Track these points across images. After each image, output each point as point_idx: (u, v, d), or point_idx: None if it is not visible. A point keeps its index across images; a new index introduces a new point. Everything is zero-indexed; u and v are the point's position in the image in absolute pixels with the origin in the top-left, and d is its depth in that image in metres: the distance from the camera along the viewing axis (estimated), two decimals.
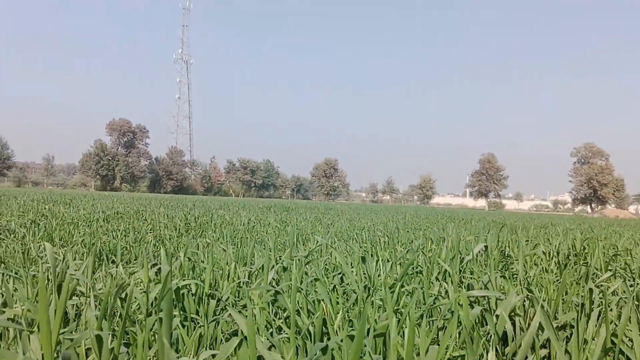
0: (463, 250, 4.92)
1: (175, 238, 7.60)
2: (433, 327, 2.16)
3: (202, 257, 4.05)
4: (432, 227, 13.02)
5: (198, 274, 3.15)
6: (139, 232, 7.87)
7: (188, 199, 36.50)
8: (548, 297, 2.95)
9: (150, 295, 2.58)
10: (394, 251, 4.53)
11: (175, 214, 13.24)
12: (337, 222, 13.58)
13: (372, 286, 3.08)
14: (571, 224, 19.89)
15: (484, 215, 31.00)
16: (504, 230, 9.87)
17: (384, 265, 3.54)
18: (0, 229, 7.24)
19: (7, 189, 60.23)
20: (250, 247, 3.78)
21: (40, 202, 15.18)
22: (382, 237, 7.28)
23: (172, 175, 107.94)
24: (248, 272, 3.14)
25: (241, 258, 3.87)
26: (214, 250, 5.32)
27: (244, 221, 11.68)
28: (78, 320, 2.26)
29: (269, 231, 9.62)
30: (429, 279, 3.04)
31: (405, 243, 6.73)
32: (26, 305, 2.07)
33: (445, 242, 4.38)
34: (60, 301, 1.51)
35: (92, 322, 2.08)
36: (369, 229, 11.02)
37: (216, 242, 5.98)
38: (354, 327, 2.36)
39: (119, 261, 3.82)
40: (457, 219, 20.37)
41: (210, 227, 9.73)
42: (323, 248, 5.33)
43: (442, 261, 3.29)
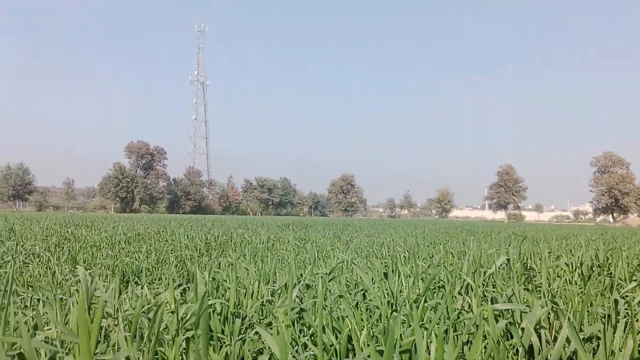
0: (485, 263, 4.90)
1: (197, 258, 7.66)
2: (458, 342, 2.17)
3: (224, 277, 4.08)
4: (451, 241, 12.96)
5: (222, 293, 3.19)
6: (160, 253, 7.95)
7: (207, 218, 36.69)
8: (573, 309, 2.93)
9: (176, 315, 2.62)
10: (415, 266, 4.52)
11: (195, 234, 13.33)
12: (356, 238, 13.57)
13: (395, 302, 3.09)
14: (593, 234, 19.63)
15: (503, 227, 30.71)
16: (525, 243, 9.78)
17: (406, 281, 3.55)
18: (25, 253, 7.36)
19: (29, 213, 61.09)
20: (273, 266, 3.81)
21: (63, 226, 15.39)
22: (402, 252, 7.26)
23: (190, 196, 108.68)
24: (271, 291, 3.17)
25: (263, 276, 3.90)
26: (237, 269, 5.36)
27: (264, 239, 11.72)
28: (108, 341, 2.30)
29: (289, 249, 9.65)
30: (451, 294, 3.04)
31: (426, 257, 6.71)
32: (59, 328, 2.12)
33: (467, 256, 4.38)
34: (95, 324, 1.55)
35: (122, 343, 2.12)
36: (388, 245, 11.00)
37: (237, 260, 6.02)
38: (379, 343, 2.37)
39: (144, 282, 3.88)
40: (476, 232, 20.22)
41: (231, 246, 9.79)
42: (344, 265, 5.34)
43: (464, 275, 3.29)
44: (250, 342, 2.43)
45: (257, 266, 5.83)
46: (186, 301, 3.09)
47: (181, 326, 2.51)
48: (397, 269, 4.86)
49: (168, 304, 2.87)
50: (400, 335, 2.42)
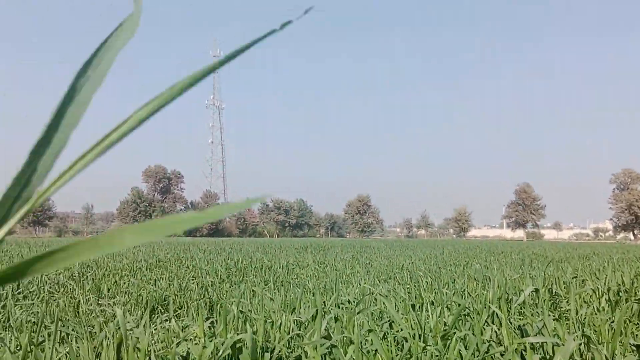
0: (510, 289, 4.87)
1: (218, 284, 7.69)
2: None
3: (249, 306, 4.10)
4: (471, 262, 12.85)
5: (251, 324, 3.20)
6: (182, 279, 7.99)
7: (225, 242, 36.78)
8: (604, 340, 2.90)
9: (206, 350, 2.65)
10: (440, 293, 4.51)
11: (215, 258, 13.38)
12: (375, 261, 13.51)
13: (422, 333, 3.08)
14: (614, 253, 19.33)
15: (523, 247, 30.39)
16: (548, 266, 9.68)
17: (433, 311, 3.54)
18: (50, 282, 7.44)
19: (49, 239, 61.71)
20: (299, 296, 3.82)
21: None
22: (424, 277, 7.23)
23: None
24: (299, 323, 3.18)
25: (288, 305, 3.92)
26: (259, 295, 5.37)
27: (283, 264, 11.73)
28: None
29: (309, 273, 9.64)
30: (480, 324, 3.02)
31: (448, 282, 6.67)
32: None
33: (492, 283, 4.35)
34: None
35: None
36: (407, 267, 10.95)
37: (261, 290, 6.04)
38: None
39: (172, 315, 3.90)
40: (496, 252, 20.02)
41: (251, 272, 9.81)
42: (366, 291, 5.33)
43: (492, 306, 3.27)
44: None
45: (280, 294, 5.84)
46: (215, 334, 3.11)
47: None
48: (420, 295, 4.85)
49: (197, 337, 2.90)
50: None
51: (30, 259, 0.36)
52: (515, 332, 3.01)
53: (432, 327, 3.05)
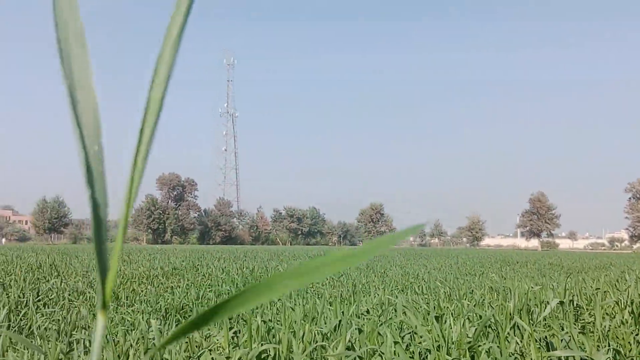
0: (531, 301, 4.83)
1: (234, 293, 7.70)
2: None
3: (269, 315, 4.11)
4: (487, 272, 12.77)
5: (273, 335, 3.21)
6: (199, 288, 8.02)
7: (239, 249, 36.85)
8: (631, 354, 2.88)
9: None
10: (460, 305, 4.49)
11: (230, 266, 13.41)
12: (390, 270, 13.48)
13: (446, 345, 3.07)
14: (632, 263, 19.12)
15: (538, 257, 30.12)
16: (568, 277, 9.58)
17: (455, 322, 3.53)
18: (69, 290, 7.50)
19: (65, 245, 62.21)
20: (319, 307, 3.82)
21: None
22: (442, 287, 7.20)
23: (220, 226, 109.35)
24: (321, 334, 3.18)
25: (309, 315, 3.92)
26: (276, 304, 5.38)
27: None
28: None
29: (324, 282, 9.63)
30: (504, 336, 3.01)
31: (466, 293, 6.64)
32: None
33: (512, 295, 4.33)
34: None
35: None
36: (423, 277, 10.91)
37: (283, 300, 6.04)
38: None
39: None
40: (511, 262, 19.88)
41: None
42: (385, 302, 5.32)
43: (518, 319, 3.25)
44: None
45: (297, 303, 5.84)
46: (238, 344, 3.13)
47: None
48: (439, 306, 4.83)
49: (221, 347, 2.91)
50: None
51: (218, 304, 0.38)
52: (541, 345, 2.99)
53: (456, 339, 3.04)
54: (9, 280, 8.60)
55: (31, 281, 8.68)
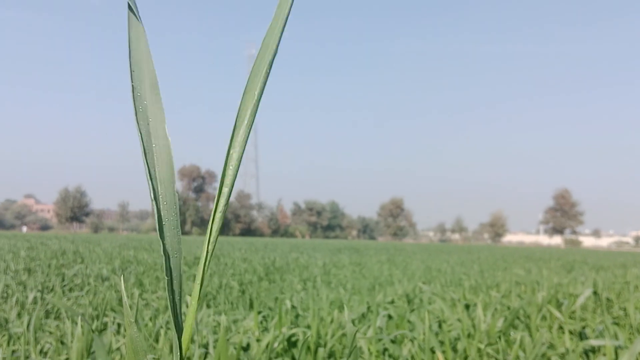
0: (559, 294, 4.76)
1: (257, 282, 7.73)
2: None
3: (298, 301, 4.10)
4: (511, 268, 12.64)
5: (302, 320, 3.20)
6: (221, 276, 8.06)
7: (259, 242, 37.03)
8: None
9: (263, 342, 2.66)
10: (487, 296, 4.44)
11: (251, 257, 13.47)
12: (411, 264, 13.41)
13: (475, 333, 3.03)
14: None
15: (561, 254, 29.77)
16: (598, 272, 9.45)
17: (485, 312, 3.49)
18: (93, 276, 7.59)
19: (86, 234, 63.13)
20: (345, 295, 3.81)
21: (123, 249, 15.82)
22: (467, 280, 7.13)
23: (240, 218, 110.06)
24: (351, 321, 3.16)
25: (335, 303, 3.91)
26: (299, 293, 5.38)
27: (319, 264, 11.74)
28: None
29: (346, 274, 9.62)
30: (535, 326, 2.96)
31: (491, 286, 6.57)
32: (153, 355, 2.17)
33: (540, 287, 4.27)
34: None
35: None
36: (446, 271, 10.83)
37: (297, 285, 6.05)
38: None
39: (223, 310, 3.94)
40: (534, 258, 19.67)
41: (289, 271, 9.84)
42: (410, 292, 5.28)
43: (553, 309, 3.20)
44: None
45: (321, 293, 5.84)
46: (267, 328, 3.12)
47: (270, 354, 2.53)
48: (464, 297, 4.79)
49: (251, 331, 2.91)
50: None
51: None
52: (573, 335, 2.94)
53: (486, 328, 3.00)
54: (35, 266, 8.74)
55: (56, 267, 8.81)
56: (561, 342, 2.98)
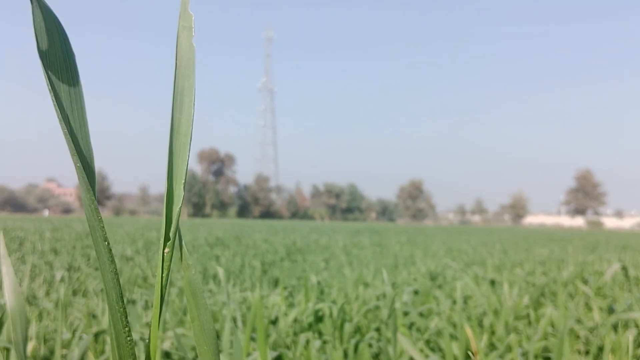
0: (584, 271, 4.72)
1: (279, 262, 7.78)
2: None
3: (324, 278, 4.12)
4: (533, 248, 12.55)
5: (327, 296, 3.22)
6: (243, 257, 8.13)
7: (278, 224, 37.22)
8: None
9: (289, 317, 2.68)
10: (512, 274, 4.41)
11: (272, 238, 13.56)
12: (432, 245, 13.38)
13: (500, 309, 3.02)
14: None
15: (583, 235, 29.45)
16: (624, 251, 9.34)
17: (510, 288, 3.47)
18: (117, 255, 7.70)
19: (108, 217, 64.00)
20: (371, 272, 3.81)
21: (145, 230, 16.02)
22: (490, 259, 7.10)
23: (259, 201, 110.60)
24: (375, 297, 3.17)
25: (360, 280, 3.91)
26: (322, 273, 5.40)
27: (340, 245, 11.77)
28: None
29: (367, 254, 9.63)
30: (563, 302, 2.94)
31: (515, 265, 6.53)
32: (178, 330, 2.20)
33: (566, 264, 4.23)
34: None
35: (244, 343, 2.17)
36: (467, 251, 10.79)
37: (319, 265, 6.07)
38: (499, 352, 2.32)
39: (249, 286, 3.98)
40: (556, 239, 19.51)
41: (310, 251, 9.88)
42: (434, 271, 5.27)
43: (581, 285, 3.17)
44: (367, 347, 2.44)
45: (343, 271, 5.85)
46: (293, 304, 3.14)
47: (297, 327, 2.55)
48: (487, 275, 4.76)
49: (278, 306, 2.93)
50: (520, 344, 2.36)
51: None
52: (602, 311, 2.91)
53: (512, 304, 2.99)
54: (60, 247, 8.89)
55: (81, 247, 8.96)
56: (589, 317, 2.96)
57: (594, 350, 2.27)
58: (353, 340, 2.48)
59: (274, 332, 2.31)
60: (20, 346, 0.77)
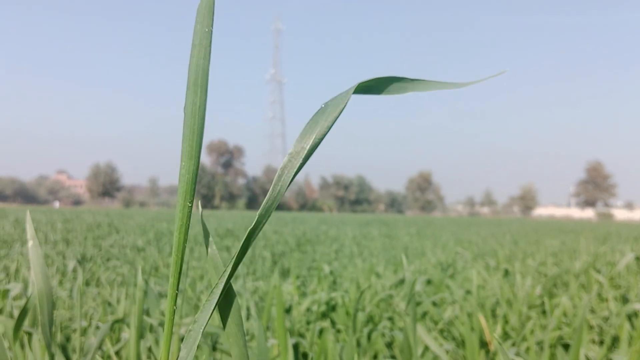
0: (597, 262, 4.70)
1: (289, 253, 7.80)
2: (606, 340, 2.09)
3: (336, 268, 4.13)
4: (543, 239, 12.50)
5: (339, 285, 3.23)
6: (254, 247, 8.15)
7: (287, 215, 37.27)
8: None
9: (302, 306, 2.68)
10: (524, 264, 4.40)
11: (281, 229, 13.58)
12: (441, 236, 13.36)
13: (514, 299, 3.01)
14: None
15: (593, 226, 29.29)
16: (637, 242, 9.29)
17: (523, 279, 3.46)
18: (129, 246, 7.75)
19: (118, 209, 64.34)
20: (382, 263, 3.81)
21: (156, 222, 16.09)
22: (501, 250, 7.08)
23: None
24: (387, 287, 3.17)
25: (371, 270, 3.91)
26: (332, 264, 5.41)
27: (350, 236, 11.78)
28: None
29: (377, 245, 9.64)
30: (577, 291, 2.93)
31: (526, 256, 6.51)
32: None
33: (578, 254, 4.21)
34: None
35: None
36: (477, 242, 10.77)
37: (329, 256, 6.08)
38: (513, 339, 2.32)
39: (261, 276, 3.99)
40: (566, 230, 19.42)
41: (319, 242, 9.90)
42: (444, 262, 5.26)
43: (593, 271, 3.16)
44: (380, 336, 2.44)
45: (354, 261, 5.86)
46: (305, 293, 3.15)
47: (310, 316, 2.56)
48: (498, 266, 4.76)
49: (290, 295, 2.94)
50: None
51: None
52: (616, 301, 2.90)
53: (526, 294, 2.98)
54: (72, 237, 8.95)
55: (92, 238, 9.02)
56: (602, 307, 2.95)
57: (608, 341, 2.26)
58: (366, 330, 2.49)
59: (287, 320, 2.32)
60: (46, 327, 0.77)
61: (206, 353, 1.73)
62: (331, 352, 1.48)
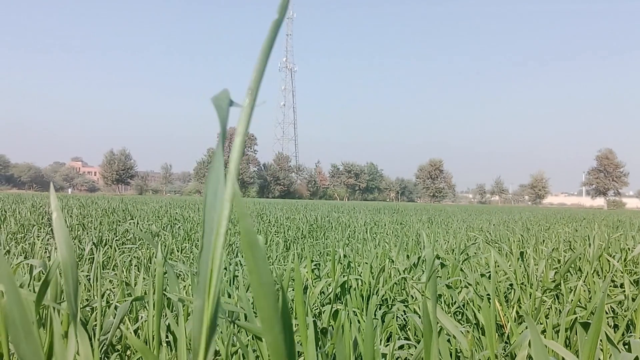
0: (610, 248, 4.69)
1: (301, 239, 7.84)
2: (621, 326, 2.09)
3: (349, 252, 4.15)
4: (554, 227, 12.45)
5: (354, 269, 3.25)
6: (266, 233, 8.20)
7: (299, 203, 37.35)
8: None
9: (316, 289, 2.71)
10: (536, 250, 4.40)
11: (293, 216, 13.63)
12: (452, 224, 13.35)
13: (529, 282, 3.02)
14: None
15: (605, 215, 29.10)
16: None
17: (536, 264, 3.46)
18: (144, 232, 7.82)
19: (132, 196, 64.79)
20: (398, 246, 3.83)
21: (170, 208, 16.21)
22: (512, 237, 7.06)
23: (279, 181, 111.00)
24: (401, 269, 3.19)
25: (385, 255, 3.93)
26: (360, 249, 5.44)
27: (361, 223, 11.80)
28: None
29: (388, 232, 9.66)
30: (591, 276, 2.93)
31: (538, 242, 6.49)
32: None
33: (592, 240, 4.19)
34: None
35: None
36: (487, 230, 10.75)
37: (341, 241, 6.09)
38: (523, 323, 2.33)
39: (275, 260, 4.03)
40: (578, 219, 19.32)
41: (331, 229, 9.93)
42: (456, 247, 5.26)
43: (610, 258, 3.16)
44: (392, 319, 2.46)
45: (365, 246, 5.89)
46: (319, 277, 3.18)
47: (324, 299, 2.59)
48: (510, 252, 4.75)
49: (305, 278, 2.97)
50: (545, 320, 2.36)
51: None
52: (631, 284, 2.90)
53: (540, 277, 2.98)
54: (87, 222, 9.05)
55: (108, 223, 9.11)
56: (616, 292, 2.95)
57: (624, 326, 2.26)
58: (380, 313, 2.51)
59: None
60: (71, 297, 0.78)
61: (224, 329, 1.76)
62: (347, 329, 1.50)
